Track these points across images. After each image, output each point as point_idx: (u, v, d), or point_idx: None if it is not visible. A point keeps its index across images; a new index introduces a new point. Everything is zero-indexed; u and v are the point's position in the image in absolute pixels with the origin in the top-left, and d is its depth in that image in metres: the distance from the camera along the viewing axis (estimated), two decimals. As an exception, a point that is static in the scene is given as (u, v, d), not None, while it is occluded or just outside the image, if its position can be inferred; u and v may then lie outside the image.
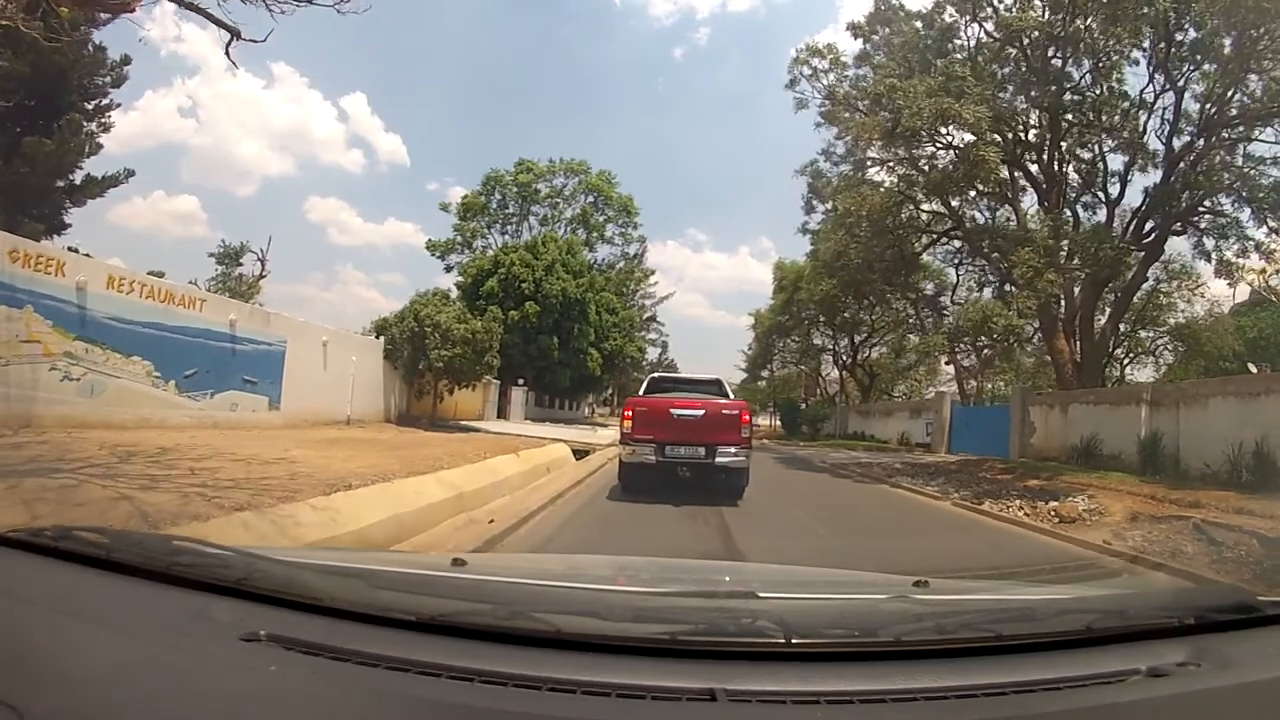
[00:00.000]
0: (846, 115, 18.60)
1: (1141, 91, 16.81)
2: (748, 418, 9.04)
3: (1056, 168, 17.60)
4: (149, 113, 68.80)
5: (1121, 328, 20.89)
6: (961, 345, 18.60)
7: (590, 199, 40.96)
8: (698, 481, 8.93)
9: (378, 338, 19.01)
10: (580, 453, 16.27)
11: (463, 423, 21.39)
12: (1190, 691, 1.05)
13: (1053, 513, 9.94)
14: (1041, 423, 18.65)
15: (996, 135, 14.84)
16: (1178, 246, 19.16)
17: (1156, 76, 16.69)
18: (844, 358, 38.38)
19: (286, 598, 1.15)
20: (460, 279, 33.66)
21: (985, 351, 25.32)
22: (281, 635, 1.02)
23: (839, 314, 27.77)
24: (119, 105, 20.11)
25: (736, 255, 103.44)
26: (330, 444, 11.62)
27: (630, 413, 9.06)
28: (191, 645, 1.03)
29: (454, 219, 38.85)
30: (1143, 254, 17.68)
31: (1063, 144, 17.29)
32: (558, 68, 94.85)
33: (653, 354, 54.02)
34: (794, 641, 1.04)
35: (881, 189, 16.74)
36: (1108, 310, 20.01)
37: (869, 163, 17.75)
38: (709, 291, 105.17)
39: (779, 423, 43.15)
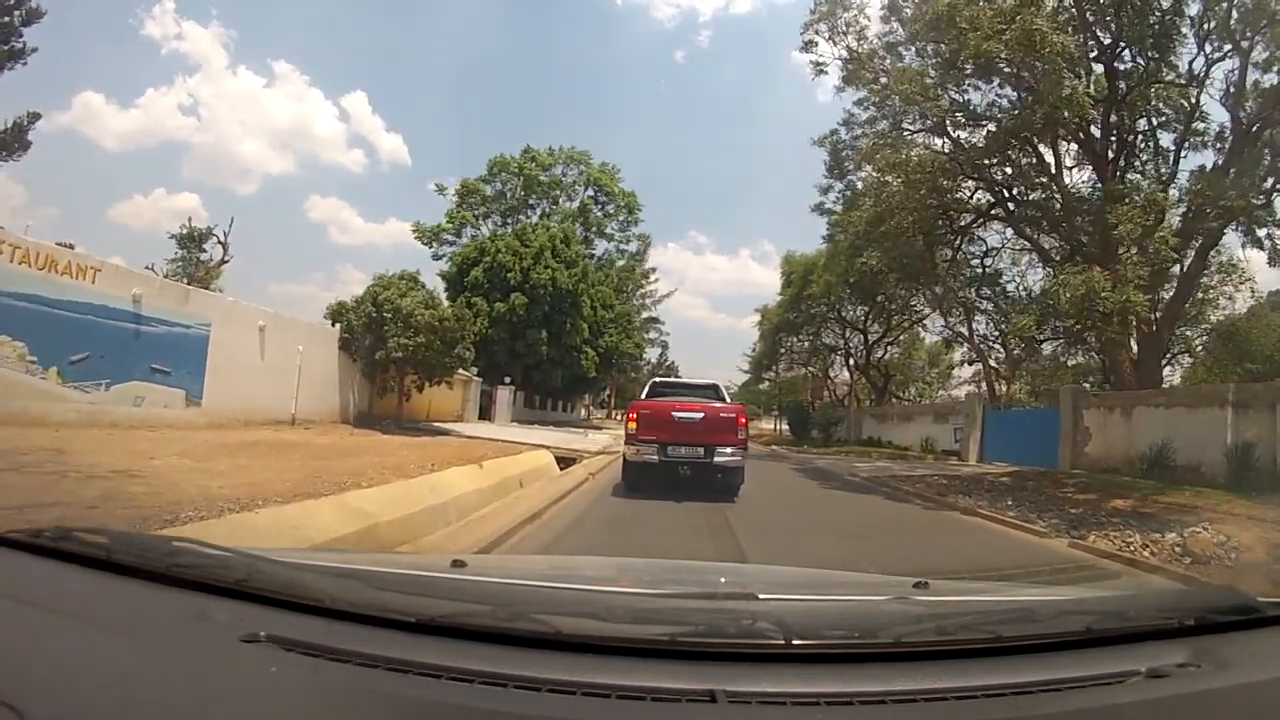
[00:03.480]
0: (869, 77, 16.11)
1: (1191, 62, 14.58)
2: (744, 420, 9.34)
3: (1115, 133, 15.13)
4: (150, 110, 68.28)
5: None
6: (1047, 330, 15.97)
7: (590, 192, 38.65)
8: (698, 491, 8.90)
9: (334, 325, 16.47)
10: (564, 461, 13.79)
11: (436, 424, 18.86)
12: (1190, 693, 1.04)
13: (1177, 548, 7.46)
14: (1098, 428, 16.24)
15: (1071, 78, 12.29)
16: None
17: (1215, 41, 14.31)
18: (856, 357, 35.78)
19: (286, 599, 1.13)
20: (446, 268, 31.18)
21: (1013, 349, 22.84)
22: (281, 636, 1.00)
23: (877, 294, 23.87)
24: (34, 50, 17.33)
25: (738, 258, 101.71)
26: (237, 450, 9.14)
27: (635, 415, 9.35)
28: (191, 646, 1.02)
29: (448, 205, 36.64)
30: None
31: (1123, 108, 14.89)
32: (559, 69, 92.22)
33: (652, 354, 51.97)
34: (794, 643, 1.03)
35: (924, 148, 14.22)
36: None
37: (907, 118, 15.11)
38: (710, 294, 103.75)
39: (786, 427, 40.36)
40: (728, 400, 10.70)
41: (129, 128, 68.03)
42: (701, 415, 9.06)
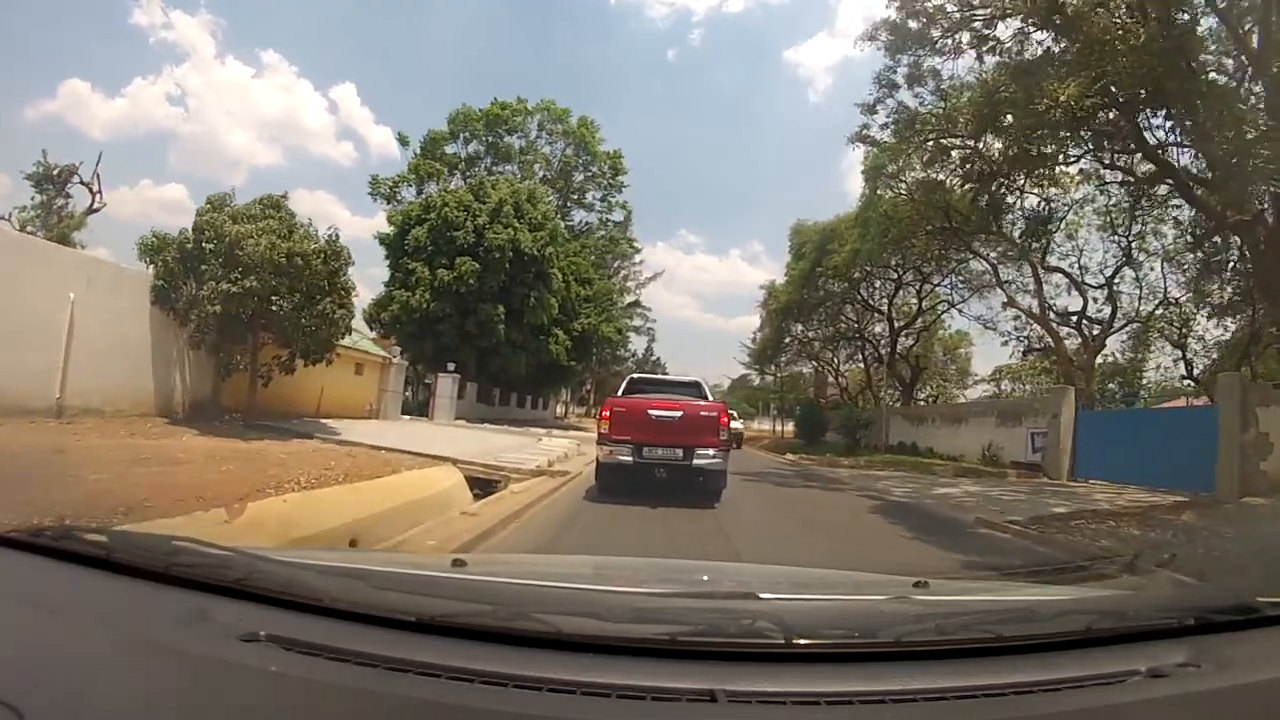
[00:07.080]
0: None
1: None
2: (726, 420, 9.07)
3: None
4: (137, 100, 68.11)
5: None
6: None
7: (570, 148, 33.55)
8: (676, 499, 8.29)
9: (149, 267, 10.93)
10: (480, 483, 8.55)
11: (322, 422, 13.39)
12: (1190, 692, 1.03)
13: None
14: (1286, 436, 11.12)
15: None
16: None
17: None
18: (876, 345, 30.47)
19: (286, 598, 1.11)
20: (388, 229, 25.66)
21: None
22: (281, 636, 0.99)
23: (1006, 193, 15.53)
24: None
25: (728, 258, 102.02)
26: None
27: (608, 413, 8.95)
28: (191, 645, 1.00)
29: (412, 160, 31.68)
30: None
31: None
32: (551, 67, 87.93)
33: (638, 345, 47.09)
34: (794, 642, 1.02)
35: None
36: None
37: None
38: (700, 294, 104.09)
39: (793, 429, 34.78)
40: (710, 399, 10.34)
41: (115, 116, 67.18)
42: (680, 414, 8.72)
